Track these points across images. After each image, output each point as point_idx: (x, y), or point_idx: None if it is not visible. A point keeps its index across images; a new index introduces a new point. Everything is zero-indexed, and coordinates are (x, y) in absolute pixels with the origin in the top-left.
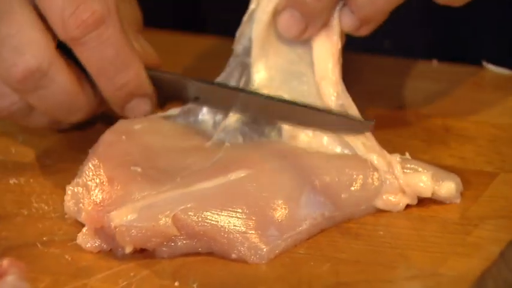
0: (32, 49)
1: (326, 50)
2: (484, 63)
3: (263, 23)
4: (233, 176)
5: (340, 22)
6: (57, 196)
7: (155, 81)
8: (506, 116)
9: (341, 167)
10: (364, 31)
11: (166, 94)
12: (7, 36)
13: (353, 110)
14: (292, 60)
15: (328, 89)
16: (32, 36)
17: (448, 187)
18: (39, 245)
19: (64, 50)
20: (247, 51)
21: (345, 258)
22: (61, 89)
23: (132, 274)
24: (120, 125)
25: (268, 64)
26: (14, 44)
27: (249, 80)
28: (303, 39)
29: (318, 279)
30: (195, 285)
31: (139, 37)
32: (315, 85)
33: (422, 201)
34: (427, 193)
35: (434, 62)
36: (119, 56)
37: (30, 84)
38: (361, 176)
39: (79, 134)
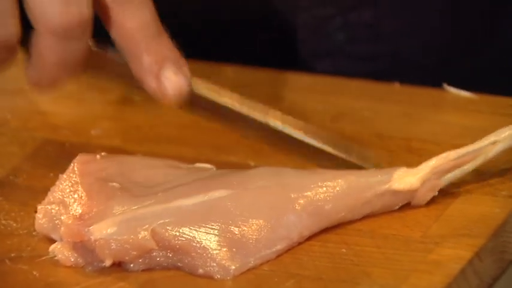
0: (83, 1)
1: None
2: (445, 86)
3: None
4: (214, 194)
5: None
6: (26, 213)
7: None
8: (466, 137)
9: (321, 180)
10: None
11: None
12: None
13: None
14: None
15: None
16: None
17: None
18: (7, 261)
19: None
20: None
21: (308, 275)
22: (86, 45)
23: None
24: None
25: None
26: None
27: None
28: None
29: None
30: None
31: None
32: None
33: (385, 220)
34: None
35: (396, 85)
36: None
37: (76, 33)
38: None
39: (46, 154)
